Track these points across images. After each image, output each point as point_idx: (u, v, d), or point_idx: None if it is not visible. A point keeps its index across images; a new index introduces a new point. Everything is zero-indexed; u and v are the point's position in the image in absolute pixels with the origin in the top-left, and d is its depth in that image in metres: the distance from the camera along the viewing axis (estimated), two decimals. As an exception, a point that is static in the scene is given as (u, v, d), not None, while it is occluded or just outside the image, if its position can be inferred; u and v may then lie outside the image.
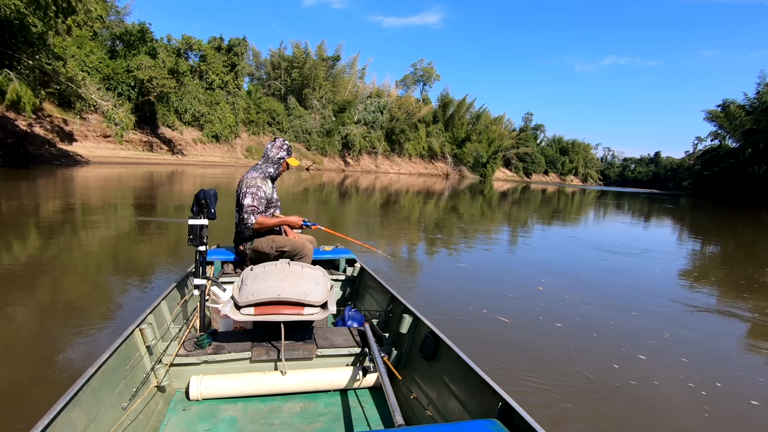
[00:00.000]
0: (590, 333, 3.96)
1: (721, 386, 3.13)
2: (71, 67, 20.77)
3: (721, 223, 19.89)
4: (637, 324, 4.32)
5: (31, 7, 15.46)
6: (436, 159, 64.27)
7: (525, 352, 3.42)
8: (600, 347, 3.65)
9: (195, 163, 31.13)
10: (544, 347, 3.55)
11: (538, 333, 3.86)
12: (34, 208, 8.37)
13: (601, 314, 4.56)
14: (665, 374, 3.25)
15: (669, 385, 3.08)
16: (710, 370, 3.42)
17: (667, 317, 4.65)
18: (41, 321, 3.34)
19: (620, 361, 3.38)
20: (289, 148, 3.18)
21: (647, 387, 3.01)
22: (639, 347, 3.68)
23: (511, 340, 3.67)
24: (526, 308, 4.57)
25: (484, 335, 3.71)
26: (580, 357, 3.39)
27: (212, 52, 36.05)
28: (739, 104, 47.32)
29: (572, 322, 4.22)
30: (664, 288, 6.06)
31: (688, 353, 3.67)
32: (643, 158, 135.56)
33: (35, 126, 21.82)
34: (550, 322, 4.13)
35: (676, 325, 4.42)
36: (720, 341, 4.09)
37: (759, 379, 3.31)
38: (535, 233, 11.47)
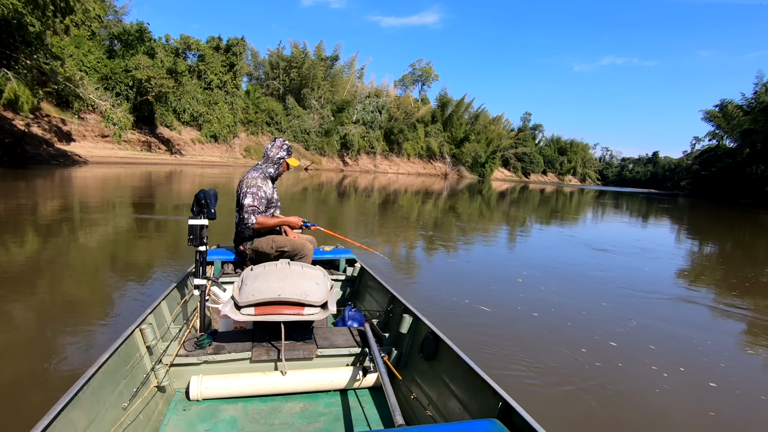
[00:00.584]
0: (564, 322, 4.21)
1: (683, 370, 3.35)
2: (69, 67, 20.74)
3: (717, 222, 19.95)
4: (608, 313, 4.59)
5: (28, 6, 15.42)
6: (434, 159, 64.29)
7: (500, 337, 3.67)
8: (571, 333, 3.90)
9: (193, 162, 31.08)
10: (519, 332, 3.84)
11: (515, 320, 4.16)
12: (32, 208, 8.35)
13: (576, 305, 4.81)
14: (631, 358, 3.48)
15: (633, 368, 3.31)
16: (675, 355, 3.62)
17: (638, 308, 4.88)
18: (41, 321, 3.34)
19: (589, 346, 3.62)
20: (289, 148, 3.17)
21: (611, 368, 3.27)
22: (609, 334, 3.94)
23: (489, 326, 3.92)
24: (506, 299, 4.86)
25: (464, 322, 3.97)
26: (552, 341, 3.67)
27: (210, 52, 35.99)
28: (736, 104, 47.47)
29: (547, 312, 4.47)
30: (645, 282, 6.26)
31: (655, 340, 3.89)
32: (641, 158, 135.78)
33: (33, 126, 21.77)
34: (528, 311, 4.43)
35: (646, 315, 4.63)
36: (688, 330, 4.28)
37: (720, 365, 3.50)
38: (528, 232, 11.54)
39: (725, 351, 3.87)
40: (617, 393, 2.92)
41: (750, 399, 3.01)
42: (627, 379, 3.12)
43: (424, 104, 64.03)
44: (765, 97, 43.87)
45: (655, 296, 5.52)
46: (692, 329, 4.31)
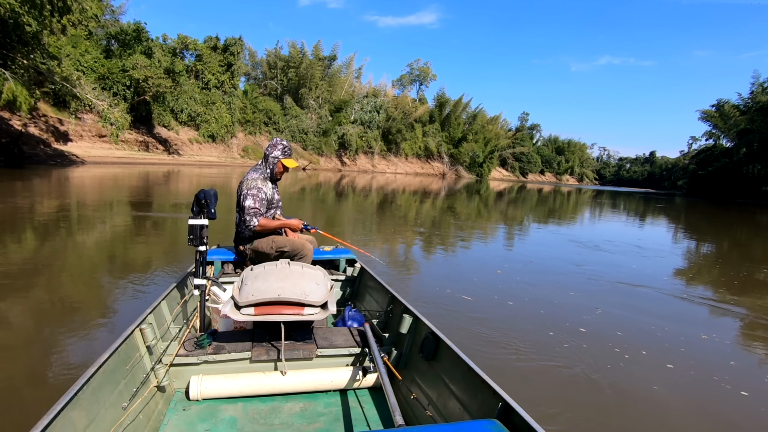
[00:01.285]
0: (538, 309, 4.57)
1: (645, 354, 3.60)
2: (66, 67, 20.68)
3: (711, 221, 20.01)
4: (577, 302, 4.94)
5: (25, 6, 15.36)
6: (432, 159, 64.32)
7: (478, 321, 4.02)
8: (541, 319, 4.26)
9: (191, 162, 31.02)
10: (494, 318, 4.18)
11: (492, 308, 4.52)
12: (29, 208, 8.33)
13: (548, 294, 5.18)
14: (596, 341, 3.77)
15: (597, 350, 3.58)
16: (638, 340, 3.88)
17: (612, 299, 5.24)
18: (41, 321, 3.33)
19: (556, 330, 3.94)
20: (285, 148, 3.12)
21: (577, 348, 3.56)
22: (577, 320, 4.28)
23: (469, 313, 4.26)
24: (485, 289, 5.25)
25: (447, 309, 4.30)
26: (523, 326, 4.04)
27: (208, 52, 35.92)
28: (733, 104, 47.65)
29: (522, 300, 4.87)
30: (626, 276, 6.60)
31: (622, 327, 4.20)
32: (638, 158, 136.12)
33: (30, 126, 21.69)
34: (503, 300, 4.82)
35: (619, 306, 4.96)
36: (655, 320, 4.51)
37: (681, 350, 3.75)
38: (522, 230, 11.67)
39: (687, 338, 4.07)
40: (580, 370, 3.18)
41: (702, 379, 3.25)
42: (590, 359, 3.38)
43: (422, 104, 64.06)
44: (761, 97, 44.03)
45: (632, 288, 5.84)
46: (660, 319, 4.54)
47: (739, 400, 2.97)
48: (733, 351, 3.94)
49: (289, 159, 3.15)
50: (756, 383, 3.27)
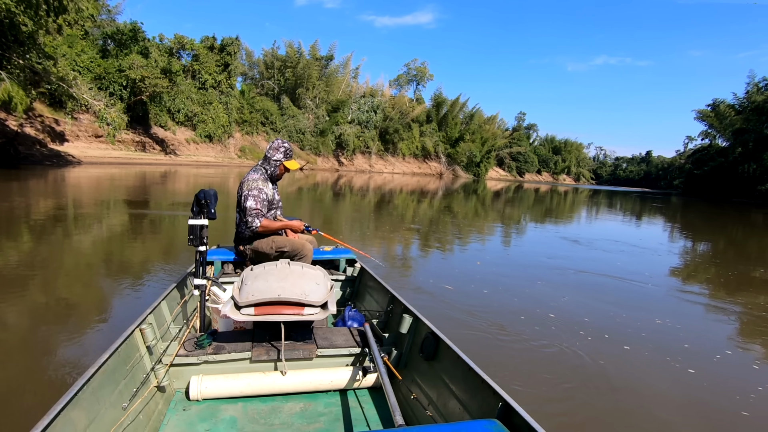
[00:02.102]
0: (512, 297, 5.00)
1: (608, 337, 3.93)
2: (62, 67, 20.54)
3: (708, 220, 20.09)
4: (544, 291, 5.39)
5: (21, 6, 15.27)
6: (429, 158, 64.35)
7: (456, 307, 4.42)
8: (514, 305, 4.69)
9: (188, 163, 30.95)
10: (472, 304, 4.55)
11: (470, 295, 4.94)
12: (26, 208, 8.30)
13: (525, 285, 5.69)
14: (562, 326, 4.10)
15: (563, 332, 3.93)
16: (604, 325, 4.23)
17: (583, 290, 5.63)
18: (40, 322, 3.32)
19: (526, 314, 4.38)
20: (287, 150, 3.13)
21: (546, 330, 3.95)
22: (546, 307, 4.66)
23: (449, 300, 4.66)
24: (465, 278, 5.71)
25: (430, 297, 4.71)
26: (499, 310, 4.45)
27: (205, 52, 35.81)
28: (728, 104, 47.86)
29: (497, 288, 5.33)
30: (605, 269, 7.01)
31: (588, 314, 4.53)
32: (634, 157, 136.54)
33: (26, 126, 21.59)
34: (479, 288, 5.28)
35: (592, 297, 5.32)
36: (620, 309, 4.81)
37: (642, 334, 4.07)
38: (515, 229, 11.77)
39: (647, 324, 4.38)
40: (546, 349, 3.54)
41: (657, 359, 3.54)
42: (554, 338, 3.75)
43: (419, 104, 64.08)
44: (757, 96, 44.25)
45: (606, 280, 6.29)
46: (623, 308, 4.85)
47: (686, 376, 3.27)
48: (687, 335, 4.18)
49: (291, 161, 3.15)
50: (704, 363, 3.56)
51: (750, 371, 3.50)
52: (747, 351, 4.00)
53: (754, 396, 3.03)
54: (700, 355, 3.72)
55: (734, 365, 3.58)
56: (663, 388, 3.06)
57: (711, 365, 3.54)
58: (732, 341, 4.20)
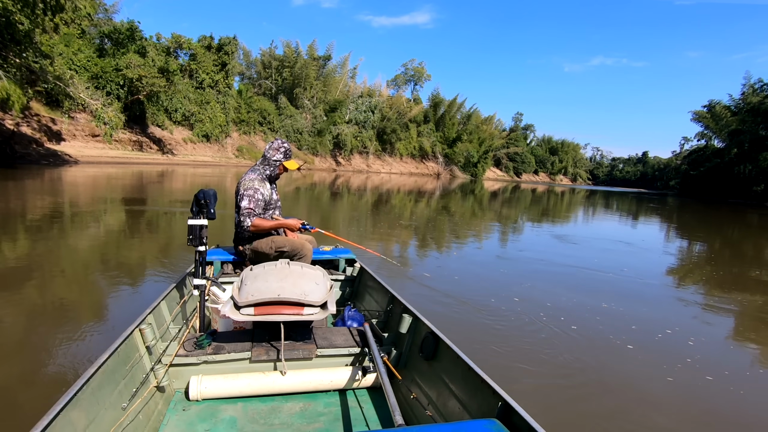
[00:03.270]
0: (482, 283, 5.51)
1: (576, 328, 4.07)
2: (59, 66, 20.49)
3: (703, 220, 20.17)
4: (508, 279, 5.88)
5: (18, 4, 15.21)
6: (427, 159, 64.39)
7: (431, 291, 4.90)
8: (485, 290, 5.17)
9: (185, 162, 30.87)
10: (446, 289, 5.01)
11: (445, 282, 5.40)
12: (22, 208, 8.26)
13: (492, 273, 6.24)
14: (526, 308, 4.53)
15: (526, 315, 4.33)
16: (569, 313, 4.50)
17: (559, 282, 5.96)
18: (38, 322, 3.31)
19: (497, 297, 4.87)
20: (287, 151, 3.12)
21: (512, 312, 4.40)
22: (512, 292, 5.14)
23: (427, 286, 5.12)
24: (443, 269, 6.25)
25: (410, 283, 5.20)
26: (469, 294, 4.88)
27: (202, 51, 35.74)
28: (724, 105, 48.13)
29: (469, 275, 5.97)
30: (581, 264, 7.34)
31: (553, 301, 4.91)
32: (631, 158, 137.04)
33: (22, 125, 21.48)
34: (450, 276, 5.79)
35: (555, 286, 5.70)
36: (580, 296, 5.17)
37: (596, 318, 4.45)
38: (509, 228, 11.75)
39: (603, 311, 4.70)
40: (510, 329, 3.95)
41: (602, 339, 3.91)
42: (517, 319, 4.19)
43: (417, 104, 64.13)
44: (752, 98, 44.47)
45: (576, 271, 6.71)
46: (583, 296, 5.19)
47: (624, 352, 3.61)
48: (633, 318, 4.52)
49: (290, 161, 3.15)
50: (646, 341, 3.89)
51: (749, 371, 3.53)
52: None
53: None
54: (642, 335, 4.03)
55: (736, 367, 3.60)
56: (603, 359, 3.44)
57: (653, 343, 3.87)
58: (745, 351, 4.11)
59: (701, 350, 3.78)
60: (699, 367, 3.41)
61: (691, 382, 3.18)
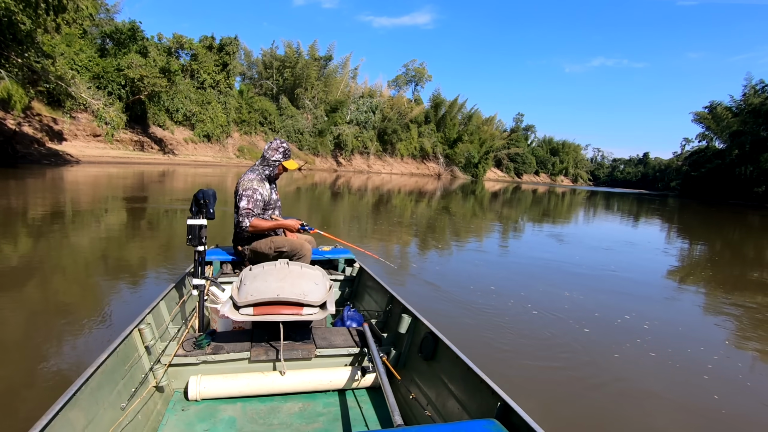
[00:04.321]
0: (482, 283, 5.57)
1: (555, 317, 4.32)
2: (60, 66, 20.49)
3: (704, 221, 20.14)
4: (488, 270, 6.38)
5: (20, 4, 15.24)
6: (427, 159, 64.38)
7: (433, 292, 5.05)
8: (464, 278, 5.60)
9: (186, 162, 30.89)
10: (447, 289, 5.11)
11: (447, 282, 5.52)
12: (23, 207, 8.27)
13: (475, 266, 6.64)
14: (501, 292, 5.04)
15: (501, 299, 4.75)
16: (537, 300, 4.87)
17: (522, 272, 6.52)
18: (37, 322, 3.31)
19: (474, 284, 5.33)
20: (286, 150, 3.12)
21: (489, 296, 4.88)
22: (490, 281, 5.59)
23: (429, 286, 5.25)
24: (443, 269, 6.41)
25: (409, 284, 5.31)
26: (467, 293, 5.00)
27: (203, 51, 35.78)
28: (725, 106, 48.07)
29: (468, 274, 6.07)
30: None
31: (525, 289, 5.35)
32: (632, 159, 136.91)
33: (24, 125, 21.51)
34: (450, 276, 5.96)
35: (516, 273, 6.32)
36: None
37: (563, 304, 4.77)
38: (511, 228, 11.69)
39: (581, 304, 4.91)
40: (490, 314, 4.29)
41: (559, 322, 4.21)
42: (492, 305, 4.55)
43: (418, 104, 64.13)
44: (753, 99, 44.42)
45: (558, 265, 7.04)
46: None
47: (581, 335, 3.89)
48: (595, 306, 4.84)
49: (289, 161, 3.15)
50: (595, 324, 4.21)
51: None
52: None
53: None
54: (601, 323, 4.30)
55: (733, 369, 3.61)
56: (561, 341, 3.71)
57: (613, 328, 4.16)
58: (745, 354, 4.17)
59: (705, 351, 3.76)
60: (702, 367, 3.38)
61: (691, 380, 3.17)
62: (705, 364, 3.51)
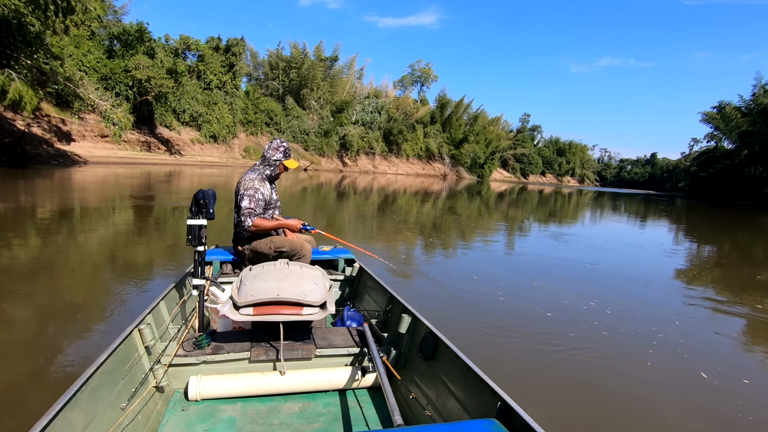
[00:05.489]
0: (482, 283, 5.64)
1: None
2: (69, 67, 20.71)
3: (713, 222, 19.96)
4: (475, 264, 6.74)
5: (29, 6, 15.40)
6: (433, 160, 64.30)
7: (433, 293, 5.11)
8: (466, 278, 5.66)
9: (193, 163, 31.06)
10: (451, 290, 5.18)
11: (451, 283, 5.57)
12: (31, 207, 8.34)
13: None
14: (483, 283, 5.40)
15: (484, 291, 5.05)
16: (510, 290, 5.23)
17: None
18: (38, 321, 3.33)
19: (476, 285, 5.40)
20: (286, 150, 3.13)
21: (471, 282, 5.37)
22: (472, 273, 5.98)
23: (430, 287, 5.33)
24: (448, 270, 6.42)
25: (411, 284, 5.35)
26: (471, 295, 5.04)
27: (210, 52, 35.98)
28: (734, 106, 47.57)
29: (473, 276, 6.03)
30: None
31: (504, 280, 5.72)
32: (639, 159, 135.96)
33: (33, 126, 21.74)
34: (454, 277, 5.96)
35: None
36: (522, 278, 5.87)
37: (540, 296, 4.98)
38: (517, 229, 11.61)
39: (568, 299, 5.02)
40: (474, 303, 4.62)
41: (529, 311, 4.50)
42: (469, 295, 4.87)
43: (423, 105, 64.08)
44: (763, 98, 43.96)
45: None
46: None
47: (545, 320, 4.20)
48: (578, 297, 5.07)
49: (290, 160, 3.16)
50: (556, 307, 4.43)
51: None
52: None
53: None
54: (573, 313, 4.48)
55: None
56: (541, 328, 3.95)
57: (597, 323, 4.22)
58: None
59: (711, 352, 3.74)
60: (706, 366, 3.36)
61: (693, 381, 3.15)
62: (716, 367, 3.45)
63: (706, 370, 3.34)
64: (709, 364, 3.51)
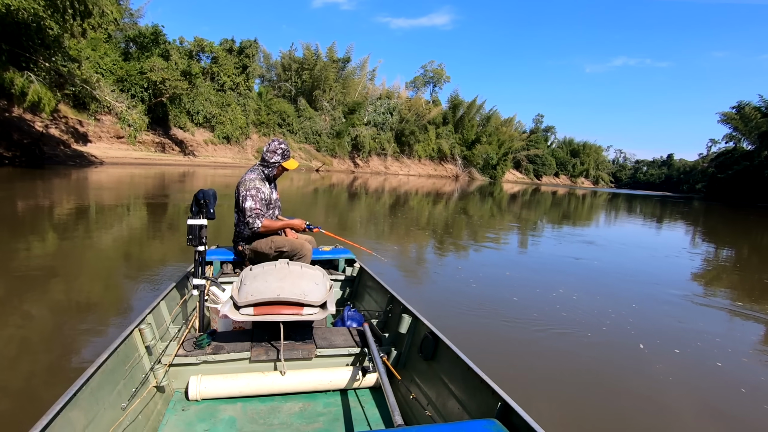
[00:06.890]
0: (483, 284, 5.68)
1: (515, 299, 4.29)
2: (86, 69, 21.06)
3: (734, 225, 19.55)
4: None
5: (48, 10, 15.73)
6: (445, 161, 64.09)
7: (435, 292, 5.22)
8: (489, 292, 5.40)
9: (206, 163, 31.39)
10: (456, 293, 5.14)
11: (458, 286, 5.55)
12: (49, 206, 8.50)
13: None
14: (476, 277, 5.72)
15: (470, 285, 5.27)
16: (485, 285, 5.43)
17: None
18: (38, 321, 3.35)
19: (478, 285, 5.50)
20: (285, 151, 3.10)
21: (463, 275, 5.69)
22: (502, 283, 5.82)
23: (432, 287, 5.44)
24: (460, 272, 6.44)
25: (412, 284, 5.40)
26: (477, 299, 4.97)
27: (224, 54, 36.34)
28: (754, 106, 46.53)
29: (482, 279, 6.00)
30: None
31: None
32: (655, 160, 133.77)
33: (51, 127, 22.17)
34: (461, 279, 5.93)
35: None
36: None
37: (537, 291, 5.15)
38: (530, 231, 11.48)
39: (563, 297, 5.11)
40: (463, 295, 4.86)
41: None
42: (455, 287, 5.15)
43: (436, 106, 63.88)
44: (785, 98, 42.99)
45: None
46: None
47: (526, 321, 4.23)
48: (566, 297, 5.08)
49: (289, 161, 3.14)
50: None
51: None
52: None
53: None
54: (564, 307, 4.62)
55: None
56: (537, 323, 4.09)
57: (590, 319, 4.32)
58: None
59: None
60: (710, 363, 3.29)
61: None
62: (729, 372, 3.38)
63: (722, 371, 3.28)
64: (729, 365, 3.45)
